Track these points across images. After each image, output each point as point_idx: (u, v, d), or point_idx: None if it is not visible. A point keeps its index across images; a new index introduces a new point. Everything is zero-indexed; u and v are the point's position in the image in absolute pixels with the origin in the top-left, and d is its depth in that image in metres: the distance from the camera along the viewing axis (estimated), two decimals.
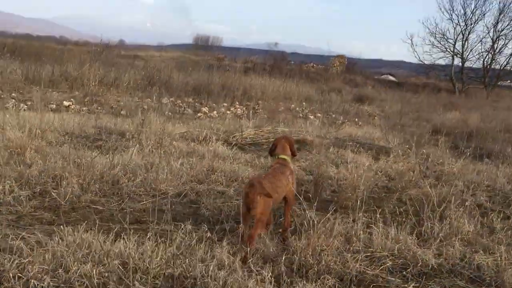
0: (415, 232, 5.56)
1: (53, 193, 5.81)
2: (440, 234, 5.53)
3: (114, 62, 25.04)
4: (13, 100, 15.20)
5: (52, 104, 15.34)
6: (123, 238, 4.47)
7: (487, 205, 7.19)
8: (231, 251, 4.57)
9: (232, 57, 52.16)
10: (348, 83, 39.89)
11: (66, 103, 15.92)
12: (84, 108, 15.42)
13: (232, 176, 7.28)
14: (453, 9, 44.97)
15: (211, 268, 4.11)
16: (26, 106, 14.61)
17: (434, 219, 5.77)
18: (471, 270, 4.87)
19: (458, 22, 43.86)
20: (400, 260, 4.92)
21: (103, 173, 6.52)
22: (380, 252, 5.01)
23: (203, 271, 4.11)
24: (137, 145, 8.16)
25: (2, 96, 15.66)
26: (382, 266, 4.75)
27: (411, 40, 47.41)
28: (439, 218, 5.84)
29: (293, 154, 5.69)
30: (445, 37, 44.31)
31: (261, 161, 8.48)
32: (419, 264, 4.83)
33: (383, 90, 34.92)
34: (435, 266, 4.85)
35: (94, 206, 5.71)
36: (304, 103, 21.95)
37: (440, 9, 58.64)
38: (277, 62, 46.02)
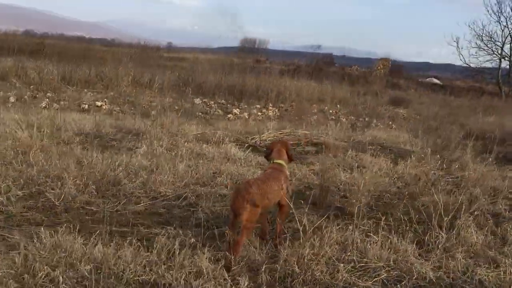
0: (416, 242, 5.26)
1: (47, 194, 5.74)
2: (446, 245, 5.20)
3: (153, 63, 25.37)
4: (47, 100, 15.51)
5: (85, 104, 15.56)
6: (102, 242, 4.36)
7: (505, 214, 6.73)
8: (213, 258, 4.37)
9: (274, 59, 52.18)
10: (391, 86, 39.11)
11: (98, 103, 16.11)
12: (116, 108, 15.58)
13: (238, 179, 7.09)
14: (501, 11, 43.12)
15: (183, 276, 3.95)
16: (58, 106, 14.90)
17: (441, 229, 5.43)
18: (473, 285, 4.53)
19: (507, 24, 42.21)
20: (396, 272, 4.62)
21: (104, 174, 6.42)
22: (376, 262, 4.72)
23: (179, 279, 3.95)
24: (144, 146, 8.07)
25: (37, 95, 16.02)
26: (376, 278, 4.46)
27: (457, 42, 45.83)
28: (448, 227, 5.49)
29: (290, 159, 5.45)
30: (493, 39, 42.73)
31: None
32: (414, 277, 4.52)
33: (425, 93, 34.11)
34: (433, 279, 4.53)
35: (89, 208, 5.60)
36: (338, 106, 21.60)
37: (488, 11, 56.54)
38: (319, 65, 45.68)
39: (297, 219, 4.86)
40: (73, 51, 29.62)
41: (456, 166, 8.57)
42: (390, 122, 17.99)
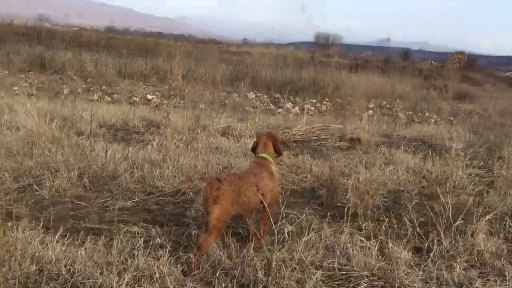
0: (416, 248, 4.76)
1: (35, 187, 5.65)
2: (451, 253, 4.66)
3: (214, 57, 25.39)
4: (100, 93, 15.89)
5: (136, 97, 15.79)
6: (69, 240, 4.19)
7: None
8: (180, 261, 4.10)
9: (346, 53, 51.31)
10: (465, 80, 37.28)
11: (149, 96, 16.28)
12: (165, 102, 15.69)
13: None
14: None
15: (126, 278, 3.65)
16: (110, 99, 15.20)
17: (449, 234, 4.88)
18: None
19: None
20: (379, 282, 4.12)
21: (104, 167, 6.29)
22: (359, 271, 4.26)
23: (121, 282, 3.63)
24: (156, 139, 7.91)
25: (91, 88, 16.46)
26: None
27: None
28: (457, 233, 4.93)
29: (278, 153, 4.99)
30: None
31: (291, 160, 7.89)
32: None
33: (502, 89, 32.17)
34: None
35: (78, 202, 5.42)
36: (397, 100, 20.73)
37: None
38: (388, 59, 44.44)
39: (280, 222, 4.48)
40: (138, 45, 30.18)
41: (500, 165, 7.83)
42: (451, 118, 17.01)
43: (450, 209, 5.05)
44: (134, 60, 20.64)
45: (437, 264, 4.44)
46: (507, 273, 4.34)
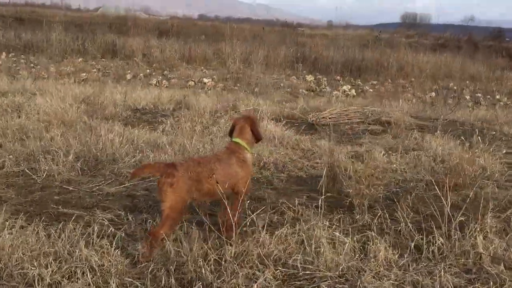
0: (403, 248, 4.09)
1: (27, 171, 5.50)
2: (446, 254, 3.97)
3: (285, 41, 24.77)
4: (160, 77, 15.88)
5: (192, 81, 15.65)
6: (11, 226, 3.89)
7: None
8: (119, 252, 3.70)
9: (425, 33, 48.86)
10: None
11: (206, 80, 16.08)
12: (220, 85, 15.44)
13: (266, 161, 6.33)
14: None
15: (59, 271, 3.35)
16: (168, 83, 15.17)
17: (445, 233, 4.17)
18: None
19: None
20: (343, 286, 3.57)
21: (103, 151, 6.07)
22: (324, 271, 3.70)
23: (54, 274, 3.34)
24: (169, 123, 7.58)
25: (153, 73, 16.53)
26: None
27: None
28: (457, 231, 4.20)
29: (257, 138, 4.45)
30: None
31: (307, 144, 7.27)
32: None
33: None
34: None
35: (65, 187, 5.21)
36: (467, 82, 19.17)
37: None
38: (473, 38, 41.75)
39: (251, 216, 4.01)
40: (210, 30, 30.02)
41: None
42: None
43: (449, 204, 4.31)
44: (198, 45, 20.57)
45: (420, 266, 3.79)
46: (507, 281, 3.62)
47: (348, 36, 37.49)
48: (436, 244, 4.03)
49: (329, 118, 8.96)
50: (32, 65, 16.19)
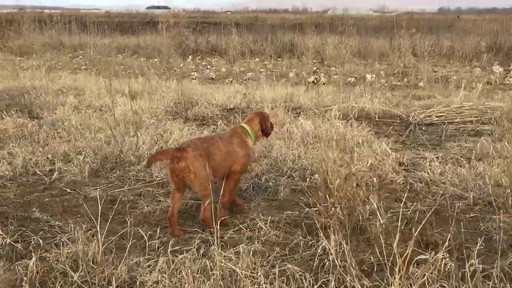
0: None
1: (37, 171, 5.52)
2: None
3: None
4: (321, 74, 15.39)
5: (351, 77, 14.84)
6: None
7: None
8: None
9: None
10: None
11: (368, 76, 15.12)
12: (382, 81, 14.31)
13: (293, 167, 5.56)
14: None
15: None
16: (326, 80, 14.68)
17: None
18: None
19: None
20: None
21: (126, 154, 5.89)
22: None
23: None
24: (220, 122, 7.16)
25: (318, 70, 16.08)
26: None
27: None
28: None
29: (264, 133, 4.72)
30: None
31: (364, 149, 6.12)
32: None
33: None
34: None
35: (65, 188, 5.12)
36: None
37: None
38: None
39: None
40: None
41: None
42: None
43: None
44: (375, 39, 19.38)
45: None
46: None
47: None
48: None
49: (436, 117, 7.52)
50: (208, 66, 17.32)
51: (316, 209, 4.12)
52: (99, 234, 3.46)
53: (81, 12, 59.01)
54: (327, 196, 4.12)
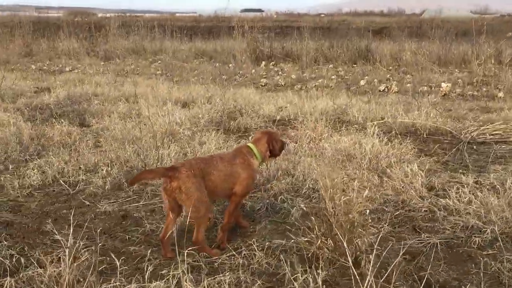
0: None
1: (61, 181, 5.67)
2: None
3: None
4: (394, 82, 14.77)
5: (424, 86, 14.15)
6: None
7: None
8: None
9: None
10: None
11: (443, 84, 14.38)
12: (457, 90, 13.56)
13: (313, 187, 5.31)
14: None
15: None
16: (398, 88, 14.12)
17: None
18: None
19: None
20: None
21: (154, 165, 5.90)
22: None
23: None
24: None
25: (391, 78, 15.46)
26: None
27: None
28: None
29: (272, 154, 4.51)
30: None
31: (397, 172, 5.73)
32: None
33: None
34: None
35: (84, 201, 5.22)
36: None
37: None
38: None
39: None
40: None
41: None
42: None
43: None
44: (457, 44, 18.26)
45: None
46: None
47: None
48: None
49: (491, 135, 6.97)
50: (280, 72, 17.21)
51: (306, 239, 3.93)
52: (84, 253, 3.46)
53: (174, 16, 61.38)
54: (323, 222, 3.93)
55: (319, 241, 3.73)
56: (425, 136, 7.31)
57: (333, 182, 4.14)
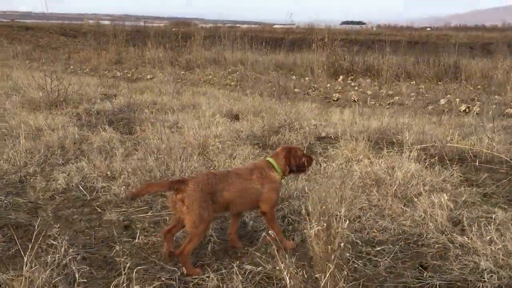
0: None
1: (80, 187, 5.84)
2: None
3: None
4: (471, 104, 13.82)
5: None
6: None
7: None
8: None
9: None
10: None
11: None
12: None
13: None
14: None
15: None
16: (478, 109, 13.19)
17: None
18: None
19: None
20: None
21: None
22: None
23: None
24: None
25: (476, 98, 14.43)
26: None
27: None
28: None
29: (291, 169, 4.52)
30: None
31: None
32: None
33: None
34: None
35: (96, 208, 5.35)
36: None
37: None
38: None
39: None
40: None
41: None
42: None
43: None
44: None
45: None
46: None
47: None
48: None
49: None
50: (356, 88, 16.68)
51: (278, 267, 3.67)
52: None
53: (268, 27, 62.30)
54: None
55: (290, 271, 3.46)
56: (477, 164, 6.67)
57: (322, 208, 3.92)
